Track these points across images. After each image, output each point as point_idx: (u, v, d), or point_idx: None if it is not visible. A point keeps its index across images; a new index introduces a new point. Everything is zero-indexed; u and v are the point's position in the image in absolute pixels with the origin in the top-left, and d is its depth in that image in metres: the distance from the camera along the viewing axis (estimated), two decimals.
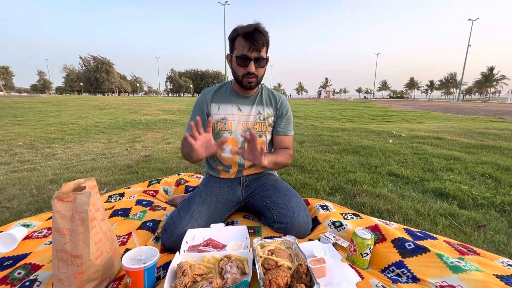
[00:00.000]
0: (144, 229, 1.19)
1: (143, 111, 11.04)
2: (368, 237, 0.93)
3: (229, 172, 1.35)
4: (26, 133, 4.98)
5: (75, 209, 0.77)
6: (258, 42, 1.11)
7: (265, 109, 1.34)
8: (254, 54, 1.13)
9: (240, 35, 1.13)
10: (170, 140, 4.36)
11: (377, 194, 1.82)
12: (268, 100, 1.37)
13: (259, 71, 1.20)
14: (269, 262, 0.86)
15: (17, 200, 1.79)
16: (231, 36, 1.17)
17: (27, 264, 0.93)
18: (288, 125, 1.40)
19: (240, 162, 1.34)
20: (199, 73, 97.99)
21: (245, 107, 1.31)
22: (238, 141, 1.31)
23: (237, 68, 1.19)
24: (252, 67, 1.15)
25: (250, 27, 1.11)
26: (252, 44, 1.11)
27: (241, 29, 1.13)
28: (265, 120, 1.34)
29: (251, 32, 1.11)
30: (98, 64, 79.78)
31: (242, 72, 1.18)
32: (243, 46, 1.13)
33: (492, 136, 4.18)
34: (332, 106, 17.65)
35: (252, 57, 1.14)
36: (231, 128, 1.29)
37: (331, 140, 4.05)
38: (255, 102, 1.33)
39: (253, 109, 1.32)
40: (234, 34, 1.16)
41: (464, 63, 43.37)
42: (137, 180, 2.17)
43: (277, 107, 1.37)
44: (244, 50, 1.13)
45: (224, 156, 1.32)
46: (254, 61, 1.15)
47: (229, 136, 1.29)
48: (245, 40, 1.12)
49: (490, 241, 1.26)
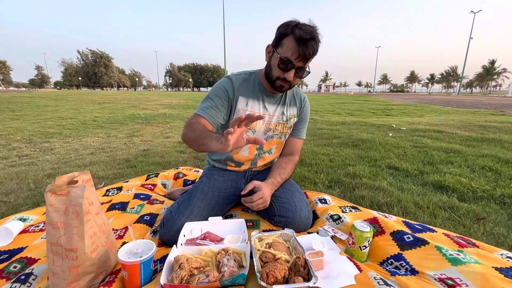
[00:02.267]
0: (141, 222, 1.18)
1: (142, 105, 10.98)
2: (367, 230, 0.92)
3: (239, 168, 1.32)
4: (24, 128, 4.95)
5: (69, 202, 0.75)
6: (309, 52, 0.99)
7: (289, 110, 1.27)
8: (300, 63, 1.02)
9: (293, 35, 0.99)
10: (169, 134, 4.34)
11: (377, 187, 1.81)
12: (292, 99, 1.29)
13: (295, 80, 1.10)
14: (266, 255, 0.85)
15: (14, 194, 1.78)
16: (282, 31, 1.03)
17: (23, 258, 0.92)
18: (303, 128, 1.35)
19: (254, 162, 1.31)
20: (198, 67, 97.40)
21: (270, 106, 1.23)
22: None
23: (274, 68, 1.07)
24: (291, 75, 1.05)
25: (308, 33, 0.98)
26: (303, 52, 0.99)
27: (298, 31, 0.98)
28: (288, 121, 1.28)
29: (307, 40, 0.98)
30: (96, 58, 79.22)
31: (278, 74, 1.07)
32: (293, 51, 1.00)
33: (492, 129, 4.16)
34: (332, 100, 17.57)
35: (296, 65, 1.03)
36: (256, 127, 1.22)
37: (330, 134, 4.03)
38: (280, 102, 1.25)
39: (277, 109, 1.25)
40: (286, 30, 1.02)
41: (466, 56, 42.99)
42: (135, 174, 2.16)
43: (301, 107, 1.31)
44: (292, 56, 1.01)
45: (241, 154, 1.27)
46: (296, 69, 1.05)
47: (251, 135, 1.23)
48: (297, 45, 0.99)
49: (489, 233, 1.26)
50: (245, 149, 1.27)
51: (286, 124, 1.28)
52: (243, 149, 1.26)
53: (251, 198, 1.09)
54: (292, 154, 1.34)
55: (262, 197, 1.08)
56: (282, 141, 1.32)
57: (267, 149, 1.31)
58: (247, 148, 1.27)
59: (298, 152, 1.35)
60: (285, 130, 1.29)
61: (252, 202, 1.08)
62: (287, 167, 1.26)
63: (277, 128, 1.26)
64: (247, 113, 1.20)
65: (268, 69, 1.12)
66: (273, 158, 1.37)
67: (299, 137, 1.34)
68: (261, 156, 1.32)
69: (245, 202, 1.11)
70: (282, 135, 1.29)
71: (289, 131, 1.32)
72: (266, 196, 1.10)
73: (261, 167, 1.36)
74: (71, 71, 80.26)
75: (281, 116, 1.26)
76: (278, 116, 1.25)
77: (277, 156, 1.39)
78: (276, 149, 1.35)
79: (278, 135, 1.29)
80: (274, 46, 1.07)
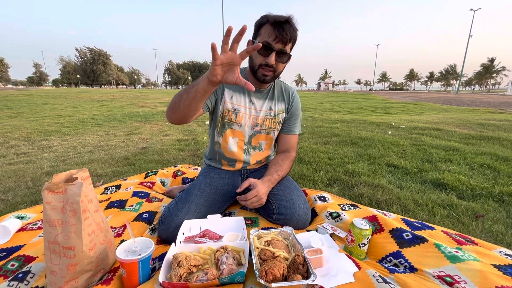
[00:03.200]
0: (140, 220, 1.18)
1: (141, 103, 10.95)
2: (366, 228, 0.92)
3: (233, 167, 1.32)
4: (23, 126, 4.93)
5: (67, 200, 0.75)
6: (286, 33, 1.03)
7: (277, 105, 1.28)
8: (279, 45, 1.05)
9: (268, 22, 1.04)
10: (168, 132, 4.33)
11: (376, 185, 1.81)
12: (280, 94, 1.30)
13: (278, 66, 1.11)
14: (265, 253, 0.85)
15: (12, 192, 1.77)
16: (258, 22, 1.09)
17: (21, 256, 0.92)
18: (295, 123, 1.34)
19: (246, 159, 1.31)
20: (197, 65, 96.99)
21: (257, 101, 1.25)
22: (245, 136, 1.27)
23: (255, 56, 1.10)
24: (273, 59, 1.06)
25: (282, 17, 1.04)
26: (279, 34, 1.02)
27: (272, 17, 1.05)
28: (276, 116, 1.28)
29: (282, 22, 1.03)
30: (94, 56, 78.72)
31: (260, 61, 1.09)
32: (270, 34, 1.04)
33: (491, 127, 4.17)
34: (331, 98, 17.56)
35: (276, 48, 1.05)
36: (241, 121, 1.23)
37: (330, 132, 4.03)
38: (267, 96, 1.27)
39: (264, 104, 1.26)
40: (262, 20, 1.07)
41: (465, 54, 43.03)
42: (134, 172, 2.16)
43: (289, 103, 1.31)
44: (270, 39, 1.04)
45: (230, 150, 1.27)
46: (276, 53, 1.06)
47: (237, 129, 1.25)
48: (273, 28, 1.03)
49: (488, 231, 1.26)
50: (233, 144, 1.27)
51: (274, 119, 1.28)
52: (231, 144, 1.26)
53: (246, 196, 1.09)
54: (288, 151, 1.33)
55: (256, 195, 1.08)
56: (272, 137, 1.32)
57: (255, 144, 1.31)
58: (235, 143, 1.27)
59: (294, 148, 1.35)
60: (273, 126, 1.29)
61: (247, 200, 1.08)
62: (283, 164, 1.26)
63: (265, 123, 1.27)
64: (232, 106, 1.21)
65: (251, 61, 1.15)
66: (265, 155, 1.36)
67: (292, 133, 1.34)
68: (251, 152, 1.31)
69: (240, 200, 1.12)
70: (270, 130, 1.29)
71: (278, 127, 1.31)
72: (261, 194, 1.09)
73: (255, 165, 1.36)
74: (69, 68, 79.73)
75: (268, 111, 1.27)
76: (266, 111, 1.26)
77: (269, 153, 1.38)
78: (267, 145, 1.34)
79: (266, 130, 1.29)
80: (254, 38, 1.12)
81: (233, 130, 1.25)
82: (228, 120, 1.23)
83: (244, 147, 1.29)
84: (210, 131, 1.34)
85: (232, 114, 1.22)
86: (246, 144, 1.29)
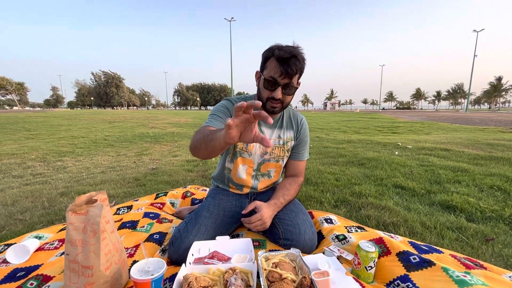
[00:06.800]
0: (151, 241, 1.21)
1: (150, 124, 11.26)
2: (372, 250, 0.93)
3: (241, 191, 1.35)
4: (39, 147, 5.14)
5: (88, 221, 0.81)
6: (291, 69, 1.04)
7: (285, 133, 1.30)
8: (285, 80, 1.06)
9: (274, 57, 1.05)
10: (177, 153, 4.43)
11: (383, 207, 1.81)
12: (289, 122, 1.32)
13: (285, 98, 1.13)
14: (273, 274, 0.87)
15: (29, 213, 1.85)
16: (265, 55, 1.10)
17: (39, 275, 0.96)
18: (304, 150, 1.36)
19: (254, 185, 1.33)
20: (206, 87, 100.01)
21: (267, 130, 1.27)
22: (255, 163, 1.30)
23: (263, 90, 1.13)
24: (279, 93, 1.08)
25: (288, 53, 1.03)
26: (285, 70, 1.03)
27: (277, 52, 1.04)
28: (285, 144, 1.30)
29: (288, 58, 1.03)
30: (108, 79, 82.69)
31: (267, 95, 1.11)
32: (275, 70, 1.05)
33: (501, 147, 4.11)
34: (338, 117, 17.66)
35: (282, 83, 1.07)
36: (252, 150, 1.26)
37: (336, 152, 4.05)
38: (276, 125, 1.29)
39: (274, 133, 1.28)
40: (268, 53, 1.08)
41: (471, 73, 43.12)
42: (145, 192, 2.21)
43: (298, 130, 1.33)
44: (276, 75, 1.06)
45: (239, 176, 1.30)
46: (282, 87, 1.08)
47: (247, 157, 1.28)
48: (278, 64, 1.04)
49: (498, 255, 1.24)
50: (243, 170, 1.29)
51: (283, 148, 1.30)
52: (240, 170, 1.29)
53: (250, 219, 1.11)
54: (296, 176, 1.36)
55: (260, 219, 1.10)
56: (281, 165, 1.35)
57: (264, 171, 1.34)
58: (244, 170, 1.30)
59: (302, 173, 1.37)
60: (282, 154, 1.31)
61: (251, 223, 1.10)
62: (291, 188, 1.28)
63: (274, 151, 1.29)
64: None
65: (258, 93, 1.19)
66: (274, 181, 1.39)
67: (301, 159, 1.36)
68: (259, 178, 1.34)
69: (244, 223, 1.14)
70: (279, 158, 1.32)
71: (287, 154, 1.33)
72: (265, 218, 1.12)
73: (262, 189, 1.38)
74: (84, 91, 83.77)
75: (277, 140, 1.29)
76: (275, 139, 1.29)
77: (277, 179, 1.41)
78: (276, 173, 1.37)
79: (275, 158, 1.31)
80: (261, 70, 1.14)
81: (244, 158, 1.29)
82: (240, 149, 1.27)
83: (253, 173, 1.32)
84: (221, 156, 1.38)
85: (243, 144, 1.25)
86: (254, 170, 1.32)
